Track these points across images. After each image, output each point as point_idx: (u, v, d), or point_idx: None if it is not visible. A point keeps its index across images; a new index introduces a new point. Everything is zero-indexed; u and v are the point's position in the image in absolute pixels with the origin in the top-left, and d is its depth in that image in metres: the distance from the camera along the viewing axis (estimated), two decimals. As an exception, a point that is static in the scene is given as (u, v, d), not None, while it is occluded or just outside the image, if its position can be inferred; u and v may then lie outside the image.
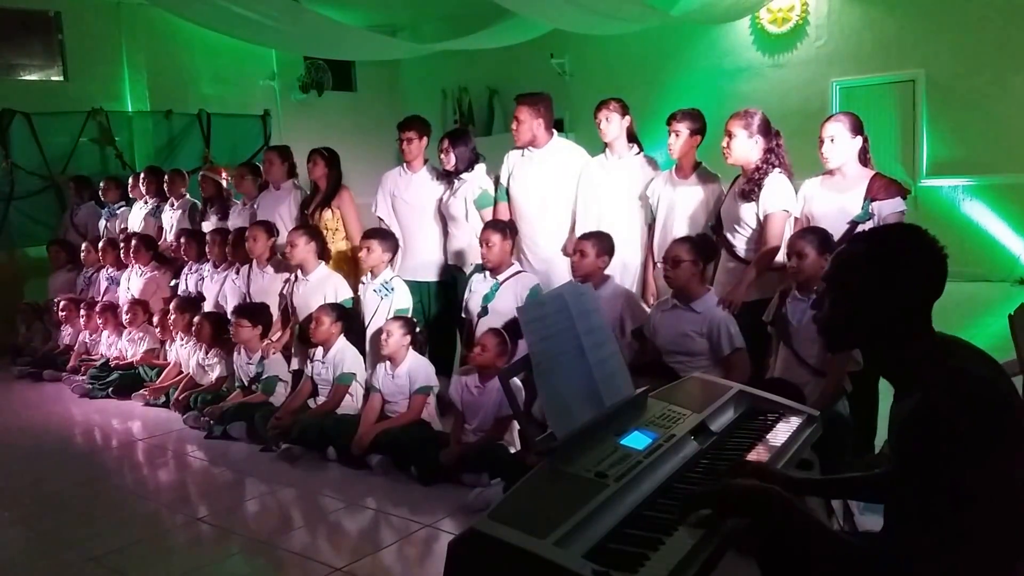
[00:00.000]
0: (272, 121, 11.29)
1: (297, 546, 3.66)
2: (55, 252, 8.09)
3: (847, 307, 1.76)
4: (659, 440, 2.08)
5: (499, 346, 4.29)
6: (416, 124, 5.47)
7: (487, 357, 4.28)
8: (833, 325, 1.81)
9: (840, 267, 1.80)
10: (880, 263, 1.71)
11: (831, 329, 1.83)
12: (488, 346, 4.29)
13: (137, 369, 6.48)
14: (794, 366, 3.73)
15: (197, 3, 6.89)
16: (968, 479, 1.49)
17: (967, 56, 8.75)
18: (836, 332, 1.83)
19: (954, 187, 8.98)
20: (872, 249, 1.75)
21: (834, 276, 1.80)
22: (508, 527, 1.59)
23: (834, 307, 1.79)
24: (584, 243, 4.38)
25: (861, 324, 1.75)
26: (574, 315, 2.16)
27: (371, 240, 5.11)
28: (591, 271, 4.33)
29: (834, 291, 1.79)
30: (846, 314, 1.77)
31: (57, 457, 5.15)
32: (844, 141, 3.99)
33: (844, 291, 1.77)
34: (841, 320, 1.78)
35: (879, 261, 1.71)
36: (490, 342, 4.30)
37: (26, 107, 9.06)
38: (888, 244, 1.75)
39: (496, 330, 4.38)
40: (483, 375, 4.34)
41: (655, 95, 9.58)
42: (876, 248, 1.74)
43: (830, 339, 1.89)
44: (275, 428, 4.86)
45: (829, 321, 1.82)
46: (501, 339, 4.31)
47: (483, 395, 4.31)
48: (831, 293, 1.80)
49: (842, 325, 1.79)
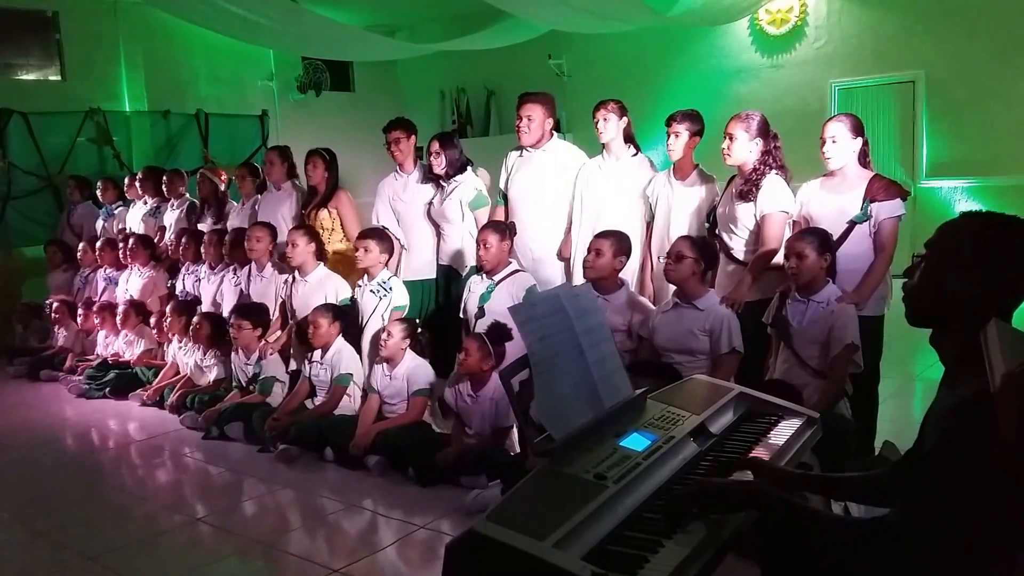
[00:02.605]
0: (270, 121, 11.29)
1: (294, 547, 3.65)
2: (52, 252, 8.07)
3: (941, 277, 1.72)
4: (658, 442, 2.07)
5: (481, 350, 4.22)
6: (401, 123, 5.50)
7: (471, 363, 4.21)
8: (920, 294, 1.77)
9: (946, 237, 1.76)
10: (988, 243, 1.68)
11: (917, 298, 1.78)
12: (471, 351, 4.23)
13: (134, 369, 6.47)
14: (794, 367, 3.72)
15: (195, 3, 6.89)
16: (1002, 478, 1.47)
17: (967, 57, 8.75)
18: (921, 302, 1.78)
19: (953, 188, 8.98)
20: (984, 228, 1.71)
21: (937, 244, 1.76)
22: (507, 529, 1.58)
23: (926, 276, 1.76)
24: (601, 241, 4.19)
25: (948, 298, 1.71)
26: (572, 315, 2.14)
27: (368, 240, 5.10)
28: (606, 272, 4.16)
29: (932, 259, 1.76)
30: (937, 284, 1.73)
31: (54, 457, 5.14)
32: (845, 142, 3.99)
33: (942, 261, 1.73)
34: (930, 290, 1.74)
35: (987, 240, 1.68)
36: (472, 347, 4.23)
37: (23, 107, 9.05)
38: (1000, 227, 1.70)
39: (479, 335, 4.30)
40: (475, 382, 4.30)
41: (653, 96, 9.58)
42: (987, 228, 1.71)
43: (914, 308, 1.82)
44: (272, 429, 4.84)
45: (917, 290, 1.78)
46: (483, 344, 4.23)
47: (477, 403, 4.28)
48: (928, 261, 1.76)
49: (929, 295, 1.75)
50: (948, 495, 1.52)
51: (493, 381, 4.21)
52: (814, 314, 3.70)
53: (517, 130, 5.05)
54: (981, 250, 1.68)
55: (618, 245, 4.19)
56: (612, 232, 4.29)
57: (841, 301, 3.69)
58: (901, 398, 5.17)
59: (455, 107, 12.59)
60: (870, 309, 3.85)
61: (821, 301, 3.70)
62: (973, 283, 1.68)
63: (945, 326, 1.75)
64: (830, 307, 3.66)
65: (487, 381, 4.24)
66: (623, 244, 4.22)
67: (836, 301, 3.68)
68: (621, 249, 4.20)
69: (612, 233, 4.28)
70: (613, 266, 4.18)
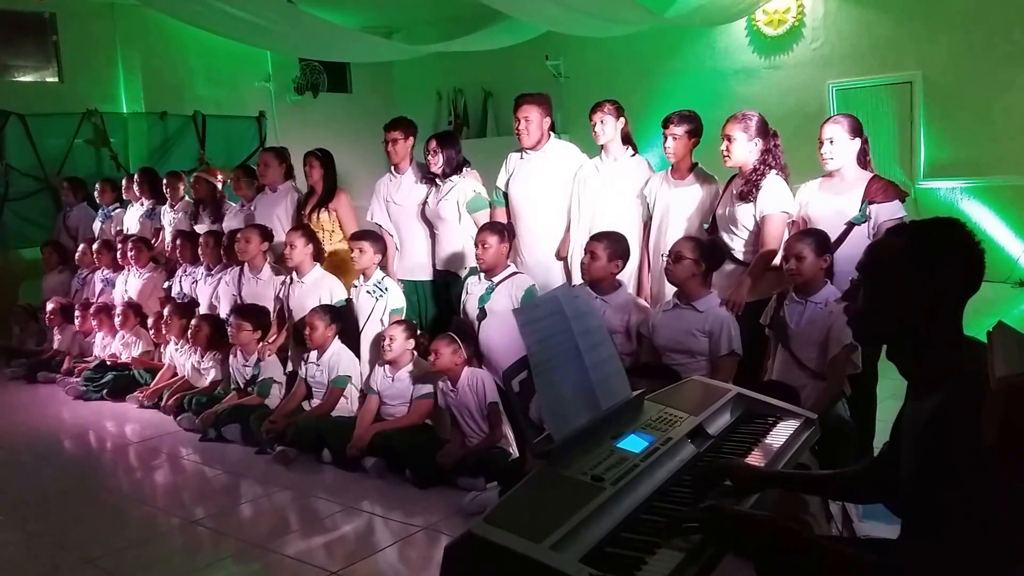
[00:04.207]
0: (267, 123, 11.26)
1: (292, 549, 3.64)
2: (47, 254, 8.05)
3: (882, 299, 1.72)
4: (656, 443, 2.07)
5: (449, 346, 4.36)
6: (402, 124, 5.47)
7: (443, 362, 4.35)
8: (865, 318, 1.77)
9: (877, 258, 1.75)
10: (919, 256, 1.66)
11: (863, 322, 1.79)
12: (440, 352, 4.36)
13: (132, 371, 6.45)
14: (792, 368, 3.71)
15: (191, 4, 6.87)
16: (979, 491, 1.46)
17: (965, 57, 8.74)
18: (868, 325, 1.79)
19: (952, 189, 8.96)
20: (912, 242, 1.69)
21: (870, 267, 1.75)
22: (505, 531, 1.58)
23: (869, 299, 1.75)
24: (596, 244, 4.20)
25: (894, 318, 1.70)
26: (569, 317, 2.14)
27: (362, 242, 5.09)
28: (601, 275, 4.17)
29: (869, 282, 1.75)
30: (880, 307, 1.72)
31: (51, 459, 5.12)
32: (843, 143, 3.98)
33: (880, 283, 1.72)
34: (874, 313, 1.74)
35: (918, 254, 1.67)
36: (441, 348, 4.36)
37: (21, 108, 9.03)
38: (928, 237, 1.69)
39: (448, 335, 4.44)
40: (450, 377, 4.41)
41: (651, 97, 9.56)
42: (916, 241, 1.69)
43: (861, 332, 1.84)
44: (270, 431, 4.84)
45: (862, 314, 1.77)
46: (452, 342, 4.38)
47: (458, 396, 4.38)
48: (866, 284, 1.75)
49: (875, 318, 1.74)
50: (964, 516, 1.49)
51: (465, 372, 4.38)
52: (812, 315, 3.69)
53: (516, 132, 5.05)
54: (917, 267, 1.66)
55: (613, 248, 4.18)
56: (607, 234, 4.28)
57: (839, 302, 3.68)
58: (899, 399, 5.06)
59: (452, 108, 12.57)
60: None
61: (819, 302, 3.69)
62: (919, 299, 1.66)
63: (900, 342, 1.75)
64: (828, 308, 3.65)
65: (459, 375, 4.39)
66: (618, 246, 4.21)
67: (834, 302, 3.67)
68: (616, 252, 4.19)
69: (607, 235, 4.26)
70: (609, 269, 4.18)
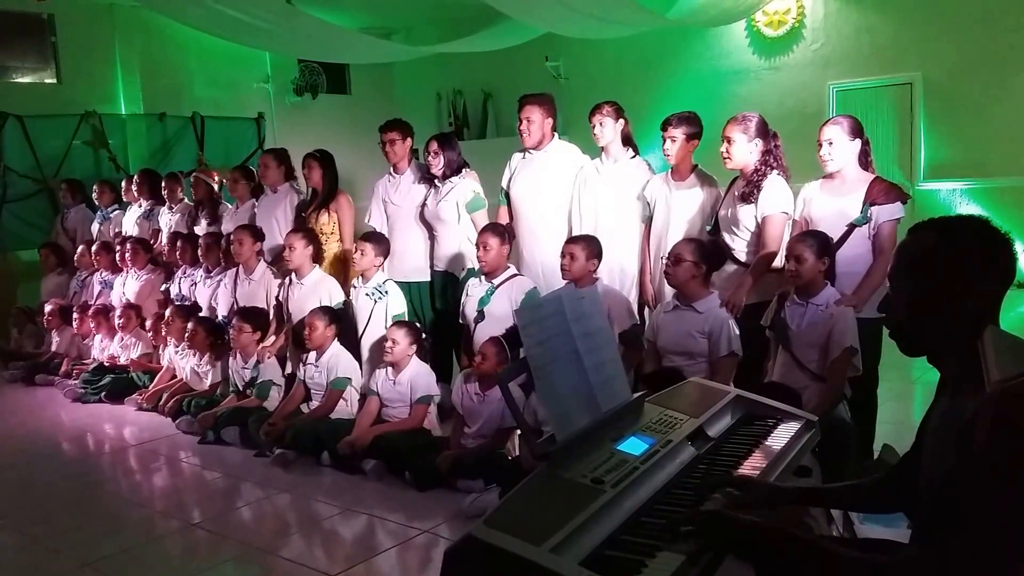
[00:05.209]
0: (266, 124, 11.27)
1: (291, 552, 3.63)
2: (45, 256, 8.05)
3: (924, 296, 1.61)
4: (656, 446, 2.06)
5: (499, 355, 4.28)
6: (399, 125, 5.47)
7: (488, 366, 4.27)
8: (911, 321, 1.65)
9: (913, 256, 1.65)
10: (953, 249, 1.58)
11: (908, 326, 1.67)
12: (488, 355, 4.29)
13: (130, 373, 6.44)
14: (793, 370, 3.71)
15: (190, 5, 6.87)
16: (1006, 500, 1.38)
17: (964, 59, 8.75)
18: (914, 327, 1.67)
19: (952, 190, 8.97)
20: (944, 239, 1.60)
21: (904, 267, 1.66)
22: (504, 534, 1.57)
23: (909, 301, 1.64)
24: (572, 247, 4.37)
25: (939, 323, 1.61)
26: (570, 319, 2.13)
27: (365, 243, 5.10)
28: (581, 275, 4.32)
29: (910, 282, 1.65)
30: (923, 304, 1.61)
31: (49, 462, 5.11)
32: (843, 144, 3.97)
33: (919, 280, 1.62)
34: (918, 311, 1.63)
35: (952, 248, 1.59)
36: (490, 351, 4.30)
37: (19, 110, 9.04)
38: (961, 233, 1.61)
39: (496, 339, 4.37)
40: (484, 383, 4.33)
41: (651, 98, 9.57)
42: (949, 238, 1.60)
43: (907, 343, 1.70)
44: (269, 433, 4.83)
45: (906, 320, 1.66)
46: (501, 347, 4.30)
47: (483, 404, 4.31)
48: (905, 285, 1.66)
49: (920, 318, 1.63)
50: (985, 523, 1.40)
51: None
52: (813, 317, 3.68)
53: (519, 132, 5.05)
54: (951, 250, 1.59)
55: (589, 248, 4.36)
56: (582, 236, 4.51)
57: (840, 304, 3.68)
58: (900, 401, 5.15)
59: (452, 109, 12.58)
60: (869, 312, 3.83)
61: (820, 304, 3.69)
62: (961, 299, 1.58)
63: (945, 345, 1.65)
64: (829, 310, 3.65)
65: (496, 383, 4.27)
66: (593, 247, 4.39)
67: (835, 304, 3.67)
68: (592, 252, 4.37)
69: (582, 237, 4.48)
70: (587, 268, 4.34)
